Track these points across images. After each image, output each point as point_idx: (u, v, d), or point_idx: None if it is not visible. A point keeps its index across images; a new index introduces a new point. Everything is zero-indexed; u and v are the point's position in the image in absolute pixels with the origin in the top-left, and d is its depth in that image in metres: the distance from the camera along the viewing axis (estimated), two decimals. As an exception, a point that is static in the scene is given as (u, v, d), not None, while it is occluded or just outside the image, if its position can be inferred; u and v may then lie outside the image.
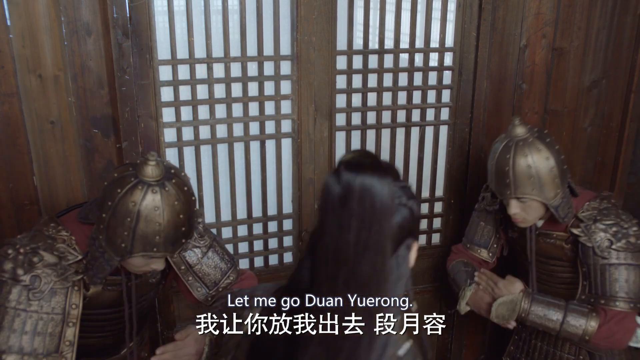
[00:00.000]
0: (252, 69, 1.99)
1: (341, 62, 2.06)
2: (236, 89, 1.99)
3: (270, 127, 2.07)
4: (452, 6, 2.13)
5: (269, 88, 2.02)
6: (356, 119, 2.16)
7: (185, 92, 1.94)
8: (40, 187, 1.85)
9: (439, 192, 2.35)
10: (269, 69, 2.00)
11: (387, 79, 2.14)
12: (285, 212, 2.17)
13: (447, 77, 2.22)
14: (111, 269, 1.30)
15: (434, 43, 2.15)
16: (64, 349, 1.30)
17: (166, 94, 1.92)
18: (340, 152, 2.13)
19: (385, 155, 2.22)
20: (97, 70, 1.80)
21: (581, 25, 2.20)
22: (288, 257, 2.24)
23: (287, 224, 2.20)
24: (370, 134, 2.18)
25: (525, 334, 1.95)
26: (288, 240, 2.22)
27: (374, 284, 0.84)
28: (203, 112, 1.97)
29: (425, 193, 2.34)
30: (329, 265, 0.84)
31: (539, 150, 1.62)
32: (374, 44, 2.16)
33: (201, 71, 1.93)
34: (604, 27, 2.22)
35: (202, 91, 1.95)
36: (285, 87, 2.04)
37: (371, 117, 2.17)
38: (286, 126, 2.09)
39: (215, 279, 1.55)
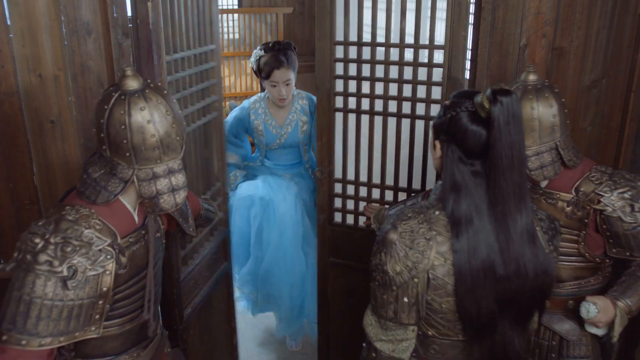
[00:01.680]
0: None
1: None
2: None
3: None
4: (442, 4, 2.18)
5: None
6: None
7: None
8: (40, 187, 1.85)
9: (430, 185, 2.40)
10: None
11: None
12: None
13: (438, 74, 2.27)
14: (125, 183, 1.35)
15: (425, 40, 2.26)
16: (95, 321, 1.35)
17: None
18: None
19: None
20: (97, 69, 1.80)
21: (581, 25, 2.20)
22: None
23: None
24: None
25: None
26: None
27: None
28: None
29: (417, 185, 2.40)
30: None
31: (529, 99, 1.70)
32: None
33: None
34: (604, 26, 2.22)
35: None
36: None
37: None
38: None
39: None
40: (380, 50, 2.30)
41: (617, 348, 1.91)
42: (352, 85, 2.38)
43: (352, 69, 2.36)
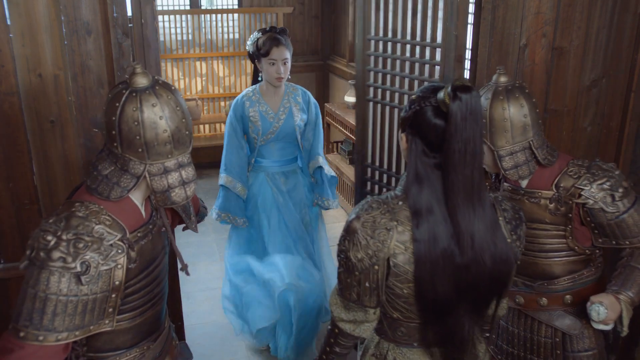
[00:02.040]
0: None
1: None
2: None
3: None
4: (440, 4, 2.21)
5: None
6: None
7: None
8: (40, 186, 1.85)
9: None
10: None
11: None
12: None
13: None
14: (137, 179, 1.37)
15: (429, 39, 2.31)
16: (108, 314, 1.37)
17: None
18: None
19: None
20: (97, 69, 1.80)
21: (581, 25, 2.20)
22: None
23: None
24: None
25: (503, 322, 1.99)
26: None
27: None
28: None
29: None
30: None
31: (500, 100, 1.72)
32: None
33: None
34: (604, 26, 2.22)
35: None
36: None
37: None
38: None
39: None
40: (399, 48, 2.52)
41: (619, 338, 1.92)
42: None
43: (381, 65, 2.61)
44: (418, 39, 2.39)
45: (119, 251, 1.34)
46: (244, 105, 2.85)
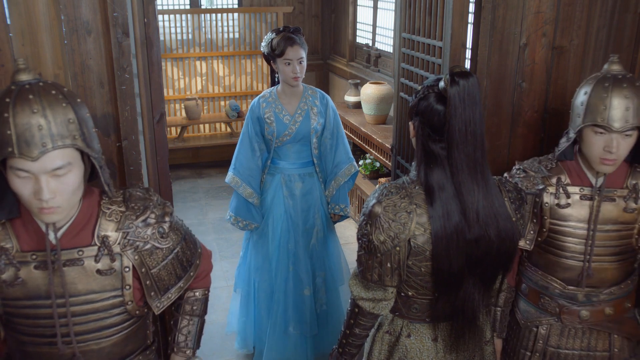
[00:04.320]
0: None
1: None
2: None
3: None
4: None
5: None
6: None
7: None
8: (40, 186, 1.85)
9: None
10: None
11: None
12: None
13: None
14: None
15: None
16: None
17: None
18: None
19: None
20: (97, 69, 1.80)
21: (581, 24, 2.20)
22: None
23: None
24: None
25: (553, 347, 1.85)
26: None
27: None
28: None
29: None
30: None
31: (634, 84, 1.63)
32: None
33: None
34: (604, 25, 2.22)
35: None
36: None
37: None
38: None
39: (169, 284, 1.49)
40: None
41: None
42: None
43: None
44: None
45: None
46: (260, 106, 2.83)
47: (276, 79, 2.89)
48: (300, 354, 2.91)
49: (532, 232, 1.81)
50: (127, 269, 1.39)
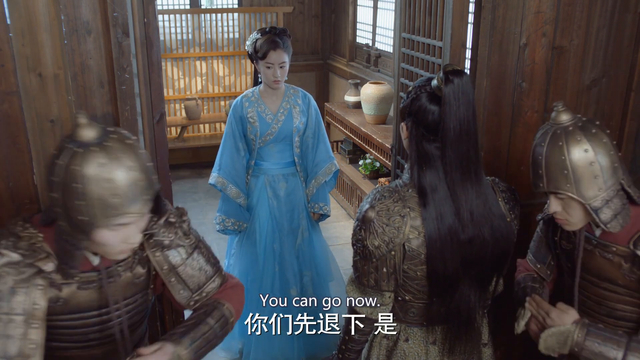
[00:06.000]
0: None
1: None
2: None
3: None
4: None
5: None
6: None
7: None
8: (40, 185, 1.85)
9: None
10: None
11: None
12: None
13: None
14: (80, 252, 1.25)
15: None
16: (28, 352, 1.23)
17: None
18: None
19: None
20: (97, 68, 1.80)
21: (581, 24, 2.20)
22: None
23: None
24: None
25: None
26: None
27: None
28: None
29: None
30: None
31: (578, 141, 1.42)
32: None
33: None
34: (604, 25, 2.22)
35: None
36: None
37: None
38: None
39: (200, 282, 1.49)
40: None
41: None
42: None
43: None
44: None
45: (42, 270, 1.27)
46: (243, 105, 2.84)
47: (259, 79, 2.90)
48: (288, 354, 2.90)
49: (552, 262, 1.76)
50: (153, 271, 1.48)
